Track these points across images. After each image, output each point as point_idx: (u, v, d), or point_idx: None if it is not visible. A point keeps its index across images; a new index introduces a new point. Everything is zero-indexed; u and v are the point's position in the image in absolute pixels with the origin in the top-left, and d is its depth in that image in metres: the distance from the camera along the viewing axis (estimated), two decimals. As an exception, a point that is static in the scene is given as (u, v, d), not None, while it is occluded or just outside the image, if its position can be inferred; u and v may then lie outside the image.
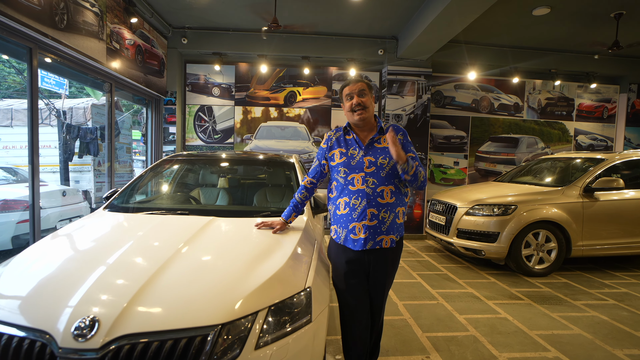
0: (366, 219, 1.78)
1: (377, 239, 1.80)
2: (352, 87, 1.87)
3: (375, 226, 1.79)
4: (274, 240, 1.85)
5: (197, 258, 1.60)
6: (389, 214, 1.80)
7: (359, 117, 1.85)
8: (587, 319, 3.04)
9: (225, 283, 1.44)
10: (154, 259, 1.55)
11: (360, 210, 1.79)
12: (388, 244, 1.82)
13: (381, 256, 1.84)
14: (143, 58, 4.99)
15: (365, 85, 1.88)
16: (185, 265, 1.53)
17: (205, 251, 1.68)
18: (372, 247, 1.80)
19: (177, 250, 1.64)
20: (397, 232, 1.85)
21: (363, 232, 1.79)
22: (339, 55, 6.18)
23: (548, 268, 4.19)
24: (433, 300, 3.37)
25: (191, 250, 1.67)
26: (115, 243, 1.71)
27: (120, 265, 1.51)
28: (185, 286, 1.40)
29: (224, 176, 3.01)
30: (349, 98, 1.88)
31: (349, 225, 1.82)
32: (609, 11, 4.95)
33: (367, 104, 1.85)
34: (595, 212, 4.29)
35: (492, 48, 6.32)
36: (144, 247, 1.69)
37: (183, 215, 2.19)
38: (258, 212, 2.27)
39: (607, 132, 7.01)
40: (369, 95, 1.88)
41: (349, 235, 1.82)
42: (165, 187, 3.09)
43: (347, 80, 1.92)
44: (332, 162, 1.91)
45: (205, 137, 6.35)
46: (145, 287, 1.36)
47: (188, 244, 1.71)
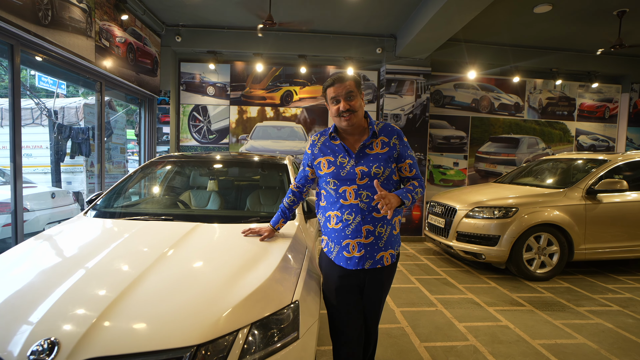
0: (361, 237, 1.61)
1: (376, 257, 1.64)
2: (338, 89, 1.61)
3: (372, 243, 1.63)
4: (260, 249, 1.73)
5: (175, 270, 1.49)
6: (385, 227, 1.64)
7: (346, 122, 1.61)
8: (592, 327, 2.92)
9: (204, 298, 1.32)
10: (128, 271, 1.44)
11: (354, 227, 1.62)
12: (389, 260, 1.67)
13: (378, 273, 1.68)
14: (135, 56, 4.87)
15: (354, 84, 1.62)
16: (161, 278, 1.41)
17: (185, 262, 1.56)
18: (372, 266, 1.64)
19: (154, 261, 1.52)
20: (395, 244, 1.70)
21: (358, 250, 1.62)
22: (336, 53, 6.06)
23: (550, 272, 4.08)
24: (432, 306, 3.25)
25: (170, 260, 1.55)
26: (89, 253, 1.59)
27: (90, 279, 1.39)
28: (159, 302, 1.28)
29: (214, 179, 2.89)
30: (334, 102, 1.62)
31: (342, 242, 1.65)
32: (612, 8, 4.84)
33: (356, 107, 1.61)
34: (598, 214, 4.17)
35: (492, 47, 6.21)
36: (118, 257, 1.57)
37: (167, 221, 2.07)
38: (246, 218, 2.15)
39: (609, 133, 6.90)
40: (358, 95, 1.63)
41: (342, 253, 1.66)
42: (152, 190, 2.97)
43: (331, 79, 1.64)
44: (320, 171, 1.70)
45: (200, 138, 6.23)
46: (115, 304, 1.24)
47: (167, 254, 1.59)
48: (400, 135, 1.71)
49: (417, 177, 1.74)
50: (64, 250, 1.69)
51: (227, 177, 3.21)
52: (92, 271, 1.43)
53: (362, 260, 1.63)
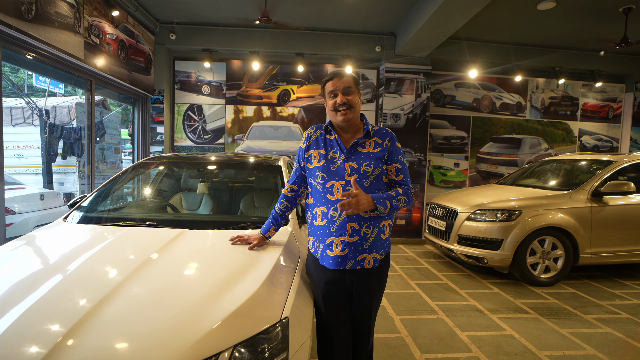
0: (345, 234, 1.54)
1: (358, 257, 1.56)
2: (337, 83, 1.61)
3: (356, 243, 1.55)
4: (248, 259, 1.60)
5: (153, 283, 1.35)
6: (371, 229, 1.56)
7: (342, 117, 1.60)
8: (601, 337, 2.79)
9: (183, 316, 1.19)
10: (100, 285, 1.30)
11: (340, 224, 1.54)
12: (370, 263, 1.58)
13: (364, 276, 1.60)
14: (127, 54, 4.73)
15: (352, 81, 1.62)
16: (136, 293, 1.28)
17: (165, 274, 1.42)
18: (353, 267, 1.56)
19: (131, 272, 1.38)
20: (381, 249, 1.61)
21: (341, 248, 1.55)
22: (335, 52, 5.93)
23: (554, 277, 3.95)
24: (433, 314, 3.12)
25: (148, 272, 1.41)
26: (58, 264, 1.46)
27: (57, 295, 1.25)
28: (132, 321, 1.15)
29: (204, 181, 2.75)
30: (332, 95, 1.62)
31: (326, 240, 1.58)
32: (617, 5, 4.71)
33: (353, 102, 1.61)
34: (604, 217, 4.04)
35: (494, 45, 6.08)
36: (91, 269, 1.43)
37: (150, 227, 1.94)
38: (235, 224, 2.02)
39: (613, 133, 6.77)
40: (356, 92, 1.63)
41: (326, 251, 1.59)
42: (140, 193, 2.83)
43: (331, 74, 1.65)
44: (309, 164, 1.66)
45: (195, 138, 6.09)
46: (83, 322, 1.11)
47: (146, 265, 1.46)
48: (393, 138, 1.68)
49: (405, 183, 1.65)
50: (32, 261, 1.55)
51: (219, 179, 3.08)
52: (60, 286, 1.30)
53: (344, 260, 1.56)
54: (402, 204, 1.59)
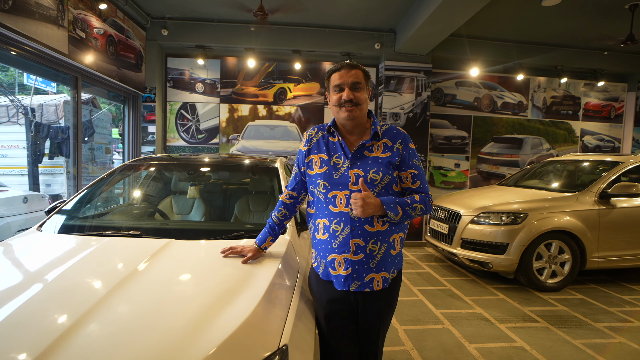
0: (349, 252, 1.36)
1: (365, 278, 1.38)
2: (344, 76, 1.39)
3: (362, 261, 1.37)
4: (243, 275, 1.42)
5: (132, 308, 1.17)
6: (379, 245, 1.37)
7: (347, 114, 1.39)
8: (615, 348, 2.65)
9: (167, 346, 1.01)
10: (69, 312, 1.12)
11: (342, 240, 1.37)
12: (380, 285, 1.39)
13: (372, 298, 1.42)
14: (116, 50, 4.52)
15: (362, 75, 1.41)
16: (110, 320, 1.09)
17: (147, 295, 1.24)
18: (359, 289, 1.38)
19: (105, 295, 1.20)
20: (392, 266, 1.43)
21: (344, 267, 1.37)
22: (333, 49, 5.76)
23: (561, 282, 3.81)
24: (438, 324, 2.96)
25: (127, 294, 1.23)
26: (21, 285, 1.27)
27: (15, 324, 1.07)
28: (104, 355, 0.97)
29: (195, 184, 2.57)
30: (337, 89, 1.41)
31: (328, 256, 1.41)
32: (624, 2, 4.58)
33: (361, 99, 1.40)
34: (612, 220, 3.91)
35: (496, 43, 5.94)
36: (60, 291, 1.25)
37: (133, 237, 1.75)
38: (228, 233, 1.83)
39: (615, 133, 6.66)
40: (365, 88, 1.42)
41: (328, 269, 1.42)
42: (126, 198, 2.65)
43: (338, 65, 1.43)
44: (310, 170, 1.46)
45: (188, 137, 5.89)
46: (45, 356, 0.93)
47: (125, 284, 1.27)
48: (406, 140, 1.46)
49: (423, 190, 1.45)
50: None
51: (211, 181, 2.90)
52: (20, 313, 1.11)
53: (347, 280, 1.38)
54: (417, 213, 1.39)
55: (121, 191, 2.76)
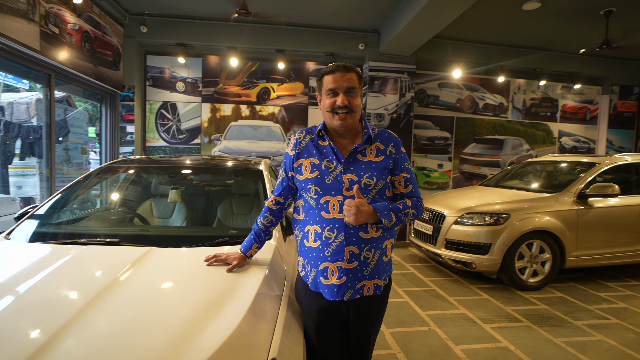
0: (343, 260, 1.32)
1: (357, 285, 1.34)
2: (339, 80, 1.33)
3: (356, 269, 1.33)
4: (227, 285, 1.36)
5: (108, 323, 1.09)
6: (373, 252, 1.34)
7: (340, 122, 1.35)
8: (595, 346, 2.71)
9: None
10: (40, 330, 1.03)
11: (336, 248, 1.32)
12: (371, 291, 1.37)
13: (364, 305, 1.39)
14: (92, 46, 4.34)
15: (356, 79, 1.36)
16: (86, 338, 1.02)
17: (125, 311, 1.16)
18: (352, 297, 1.34)
19: (80, 310, 1.12)
20: (384, 273, 1.40)
21: (338, 276, 1.32)
22: (317, 49, 5.71)
23: (542, 281, 3.89)
24: (424, 325, 2.96)
25: (103, 308, 1.15)
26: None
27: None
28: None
29: (177, 188, 2.48)
30: (330, 94, 1.35)
31: (320, 265, 1.35)
32: (599, 8, 4.72)
33: (355, 106, 1.35)
34: (589, 220, 4.03)
35: (477, 45, 6.03)
36: (32, 305, 1.16)
37: (111, 245, 1.66)
38: (212, 239, 1.76)
39: (590, 134, 6.89)
40: (359, 91, 1.38)
41: (319, 278, 1.36)
42: (103, 202, 2.53)
43: (331, 66, 1.36)
44: (300, 175, 1.40)
45: (169, 138, 5.73)
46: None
47: (101, 299, 1.19)
48: (398, 143, 1.44)
49: (415, 194, 1.43)
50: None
51: (193, 184, 2.81)
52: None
53: (341, 289, 1.33)
54: (409, 218, 1.37)
55: (98, 195, 2.63)
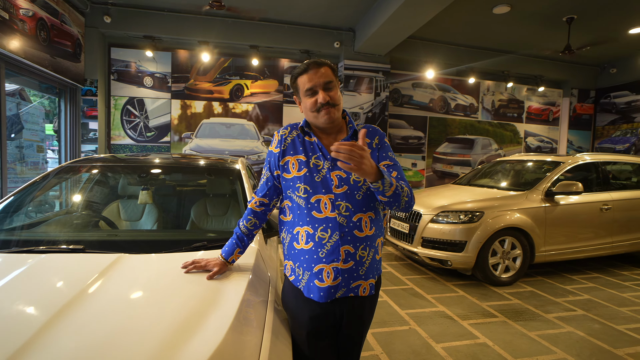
0: (339, 260, 1.26)
1: (351, 285, 1.29)
2: (314, 78, 1.27)
3: (351, 269, 1.28)
4: (209, 294, 1.25)
5: (75, 345, 0.96)
6: (368, 250, 1.30)
7: (327, 117, 1.29)
8: (565, 337, 2.82)
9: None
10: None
11: (331, 248, 1.26)
12: (366, 291, 1.32)
13: (357, 305, 1.34)
14: (49, 35, 4.02)
15: (331, 72, 1.30)
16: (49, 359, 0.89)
17: (94, 328, 1.03)
18: (345, 294, 1.29)
19: (40, 329, 0.98)
20: (376, 272, 1.37)
21: (333, 277, 1.26)
22: (292, 45, 5.62)
23: (514, 276, 4.02)
24: (404, 325, 2.96)
25: (68, 327, 1.02)
26: None
27: None
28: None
29: (147, 188, 2.32)
30: (309, 93, 1.30)
31: (314, 267, 1.28)
32: (562, 15, 4.95)
33: (336, 99, 1.30)
34: (556, 216, 4.20)
35: (450, 46, 6.17)
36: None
37: (75, 252, 1.50)
38: (188, 243, 1.64)
39: (553, 135, 7.24)
40: (337, 84, 1.32)
41: (313, 281, 1.29)
42: (65, 204, 2.32)
43: (304, 66, 1.30)
44: (287, 173, 1.34)
45: (136, 135, 5.44)
46: None
47: (65, 315, 1.06)
48: (382, 135, 1.43)
49: (401, 180, 1.33)
50: None
51: (165, 183, 2.65)
52: None
53: (336, 289, 1.27)
54: (404, 196, 1.23)
55: (58, 196, 2.42)
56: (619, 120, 6.94)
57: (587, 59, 6.80)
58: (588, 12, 4.85)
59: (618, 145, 6.90)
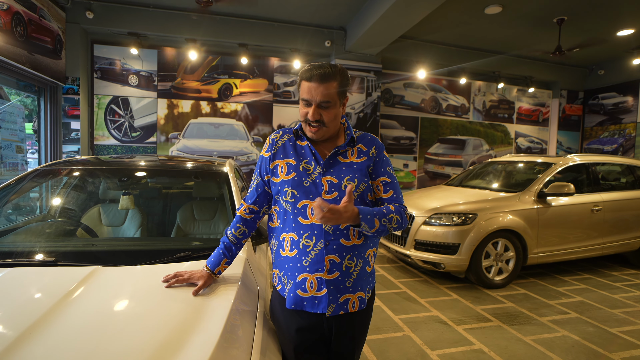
0: (323, 270, 1.18)
1: (340, 299, 1.20)
2: (312, 91, 1.19)
3: (337, 281, 1.20)
4: (193, 312, 1.15)
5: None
6: (355, 261, 1.22)
7: (311, 134, 1.25)
8: (561, 341, 2.78)
9: None
10: None
11: (315, 257, 1.18)
12: (356, 306, 1.23)
13: (347, 321, 1.25)
14: (26, 31, 3.83)
15: (334, 90, 1.19)
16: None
17: (63, 354, 0.92)
18: (335, 312, 1.21)
19: (3, 350, 0.87)
20: (367, 285, 1.28)
21: (317, 288, 1.19)
22: (281, 44, 5.51)
23: (507, 278, 3.99)
24: (399, 331, 2.89)
25: (34, 353, 0.90)
26: None
27: None
28: None
29: (128, 193, 2.19)
30: (304, 103, 1.22)
31: (297, 276, 1.21)
32: (553, 15, 4.95)
33: (328, 119, 1.22)
34: (548, 218, 4.18)
35: (441, 46, 6.14)
36: None
37: (45, 265, 1.37)
38: (171, 253, 1.53)
39: (542, 135, 7.28)
40: (337, 103, 1.23)
41: (296, 291, 1.21)
42: (40, 210, 2.18)
43: (310, 72, 1.19)
44: (275, 177, 1.27)
45: (121, 135, 5.26)
46: None
47: (31, 339, 0.94)
48: (380, 147, 1.33)
49: (397, 201, 1.29)
50: None
51: (149, 187, 2.52)
52: None
53: (321, 303, 1.19)
54: (393, 225, 1.22)
55: (32, 203, 2.27)
56: (606, 122, 7.02)
57: (576, 61, 6.85)
58: (578, 14, 4.86)
59: (606, 146, 6.98)
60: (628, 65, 6.54)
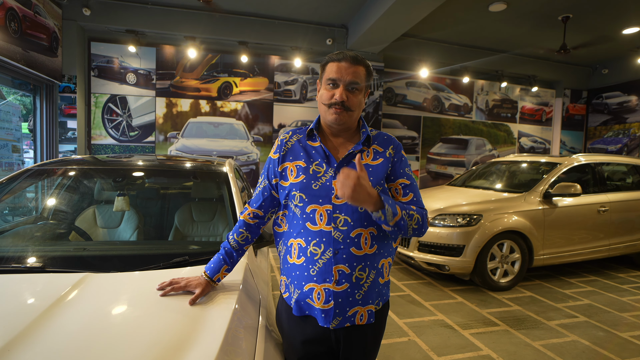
0: (331, 281, 1.09)
1: (348, 312, 1.12)
2: (343, 71, 1.12)
3: (346, 293, 1.11)
4: (190, 323, 1.06)
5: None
6: (367, 272, 1.13)
7: (334, 117, 1.14)
8: (570, 347, 2.70)
9: None
10: None
11: (323, 266, 1.10)
12: (364, 319, 1.14)
13: (356, 335, 1.17)
14: (21, 27, 3.74)
15: (363, 73, 1.14)
16: None
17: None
18: (340, 325, 1.12)
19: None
20: (378, 297, 1.18)
21: (324, 300, 1.10)
22: (282, 42, 5.42)
23: (512, 281, 3.91)
24: (404, 336, 2.80)
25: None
26: None
27: None
28: None
29: (123, 194, 2.10)
30: (330, 84, 1.14)
31: (304, 286, 1.13)
32: (558, 13, 4.87)
33: (354, 104, 1.14)
34: (554, 219, 4.10)
35: (443, 45, 6.06)
36: None
37: (31, 272, 1.29)
38: (167, 258, 1.44)
39: (546, 135, 7.20)
40: (363, 90, 1.17)
41: (302, 301, 1.14)
42: (31, 212, 2.09)
43: (339, 54, 1.14)
44: (284, 180, 1.19)
45: (118, 135, 5.17)
46: None
47: (14, 353, 0.85)
48: (398, 147, 1.24)
49: (417, 203, 1.19)
50: None
51: (146, 189, 2.43)
52: None
53: (328, 316, 1.11)
54: (413, 224, 1.11)
55: (25, 204, 2.18)
56: (611, 121, 6.94)
57: (580, 60, 6.78)
58: (584, 11, 4.78)
59: (610, 146, 6.90)
60: (633, 64, 6.46)
